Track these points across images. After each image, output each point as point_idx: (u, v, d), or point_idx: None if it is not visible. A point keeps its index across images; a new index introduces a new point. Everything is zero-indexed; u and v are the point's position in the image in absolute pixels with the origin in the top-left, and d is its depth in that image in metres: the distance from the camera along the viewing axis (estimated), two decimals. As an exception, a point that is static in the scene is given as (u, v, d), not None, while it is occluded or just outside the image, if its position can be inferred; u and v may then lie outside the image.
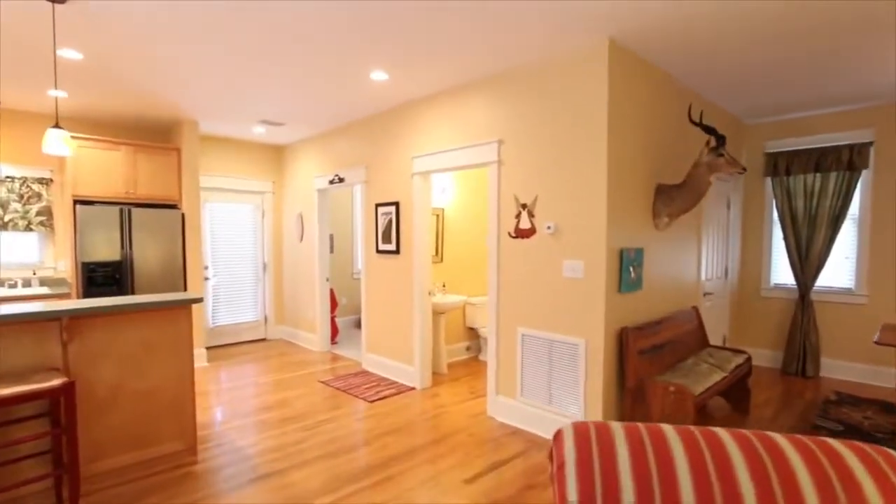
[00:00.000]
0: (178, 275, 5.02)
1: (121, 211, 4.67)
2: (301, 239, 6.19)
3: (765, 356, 5.23)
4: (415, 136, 4.38)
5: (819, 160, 4.80)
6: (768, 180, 5.21)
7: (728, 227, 5.10)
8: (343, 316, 7.31)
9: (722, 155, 3.27)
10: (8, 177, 4.64)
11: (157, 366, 2.78)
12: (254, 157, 6.34)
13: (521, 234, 3.51)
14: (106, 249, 4.59)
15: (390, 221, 4.69)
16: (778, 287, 5.20)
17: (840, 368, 4.78)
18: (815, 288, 4.88)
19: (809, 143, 4.88)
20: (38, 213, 4.80)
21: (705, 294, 4.53)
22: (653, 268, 3.60)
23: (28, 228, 4.74)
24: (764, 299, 5.27)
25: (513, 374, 3.60)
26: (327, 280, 5.90)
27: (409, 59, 3.38)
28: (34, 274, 4.79)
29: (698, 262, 4.34)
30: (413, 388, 4.41)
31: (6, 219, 4.63)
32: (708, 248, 4.58)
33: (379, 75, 3.68)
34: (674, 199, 3.50)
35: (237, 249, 6.23)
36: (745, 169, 3.29)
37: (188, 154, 5.12)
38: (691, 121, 3.36)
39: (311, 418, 3.70)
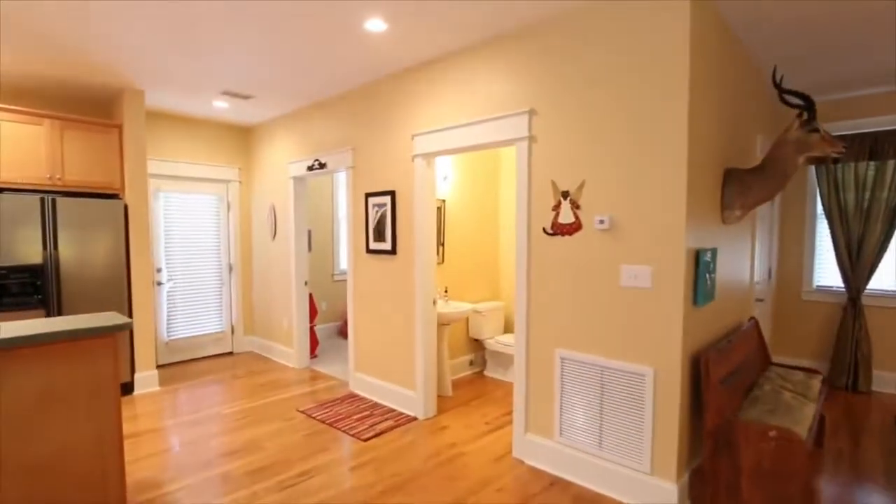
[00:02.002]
0: (121, 280, 4.08)
1: (42, 201, 3.69)
2: (274, 236, 5.29)
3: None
4: (417, 109, 3.56)
5: (874, 146, 4.21)
6: (812, 170, 4.61)
7: (772, 221, 4.47)
8: (323, 323, 6.44)
9: (816, 130, 2.58)
10: None
11: (62, 424, 1.91)
12: (217, 138, 5.39)
13: (560, 230, 2.75)
14: (22, 249, 3.62)
15: (384, 215, 3.87)
16: (822, 289, 4.61)
17: (896, 382, 4.23)
18: (866, 291, 4.31)
19: (863, 127, 4.28)
20: (-66, 205, 3.77)
21: (756, 300, 3.89)
22: (721, 272, 2.91)
23: (-81, 223, 3.71)
24: (805, 303, 4.68)
25: (548, 408, 2.85)
26: (305, 284, 5.03)
27: (417, 1, 2.56)
28: (-71, 281, 3.77)
29: (752, 263, 3.69)
30: (415, 419, 3.62)
31: None
32: (758, 246, 3.93)
33: (375, 24, 2.84)
34: (750, 186, 2.80)
35: (197, 249, 5.28)
36: (845, 148, 2.61)
37: (132, 132, 4.16)
38: (776, 85, 2.65)
39: (289, 468, 2.87)
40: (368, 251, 4.03)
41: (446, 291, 4.43)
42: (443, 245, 4.46)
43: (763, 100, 3.80)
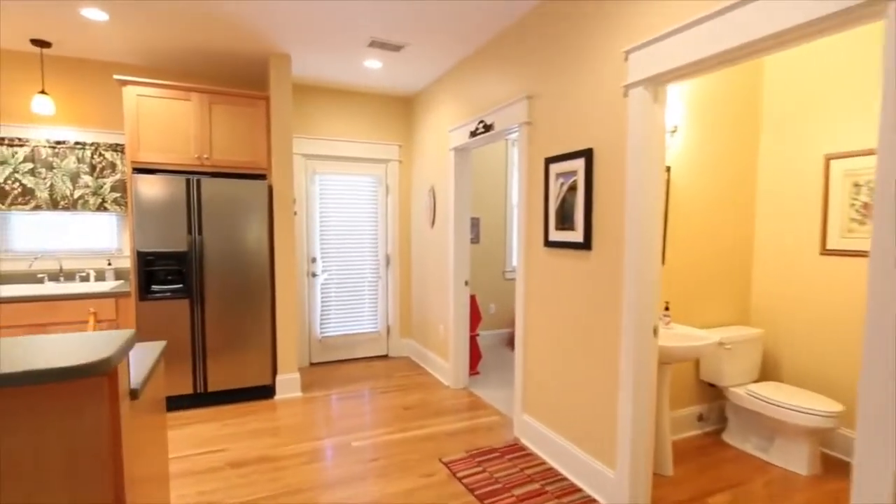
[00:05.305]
0: (265, 270, 3.62)
1: (188, 182, 3.38)
2: (432, 223, 4.40)
3: None
4: (632, 8, 2.14)
5: None
6: None
7: None
8: (490, 329, 5.39)
9: None
10: (77, 143, 3.70)
11: (14, 520, 1.13)
12: (374, 112, 4.72)
13: None
14: (167, 235, 3.35)
15: (573, 189, 2.54)
16: None
17: None
18: None
19: None
20: (113, 189, 3.81)
21: None
22: None
23: (102, 207, 3.77)
24: None
25: None
26: (466, 284, 4.00)
27: None
28: (109, 264, 3.83)
29: None
30: (614, 516, 2.23)
31: (76, 195, 3.70)
32: None
33: None
34: None
35: (353, 237, 4.72)
36: None
37: (279, 102, 3.65)
38: None
39: (409, 585, 1.81)
40: (547, 243, 2.75)
41: (667, 309, 2.88)
42: (664, 237, 2.91)
43: None
